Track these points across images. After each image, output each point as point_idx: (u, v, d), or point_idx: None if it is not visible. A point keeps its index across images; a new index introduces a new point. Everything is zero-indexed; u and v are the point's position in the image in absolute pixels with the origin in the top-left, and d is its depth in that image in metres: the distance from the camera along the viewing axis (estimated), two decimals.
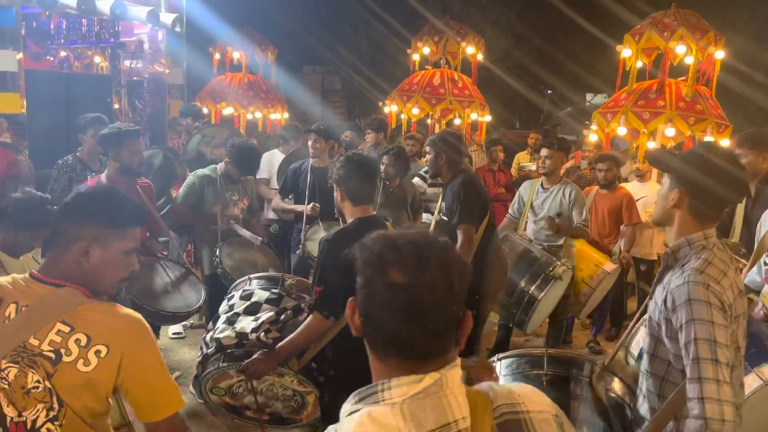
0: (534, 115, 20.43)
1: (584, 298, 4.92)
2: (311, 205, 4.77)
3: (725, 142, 6.12)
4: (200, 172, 4.66)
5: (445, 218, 4.13)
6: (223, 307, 3.14)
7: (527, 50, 17.11)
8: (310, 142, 5.01)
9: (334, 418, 1.15)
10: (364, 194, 2.88)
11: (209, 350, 2.85)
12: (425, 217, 5.84)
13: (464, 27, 9.35)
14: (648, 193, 5.68)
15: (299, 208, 4.88)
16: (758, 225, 3.22)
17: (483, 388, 1.18)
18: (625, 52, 6.29)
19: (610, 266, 4.90)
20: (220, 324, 2.97)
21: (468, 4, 16.50)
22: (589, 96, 20.65)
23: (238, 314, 2.96)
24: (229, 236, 4.53)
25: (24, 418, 1.70)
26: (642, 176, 5.78)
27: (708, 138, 6.12)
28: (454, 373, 1.12)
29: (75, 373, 1.68)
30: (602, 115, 6.27)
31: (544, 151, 4.98)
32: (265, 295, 3.04)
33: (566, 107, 19.63)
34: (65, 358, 1.67)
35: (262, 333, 2.80)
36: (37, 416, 1.70)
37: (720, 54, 6.39)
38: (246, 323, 2.87)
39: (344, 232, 2.80)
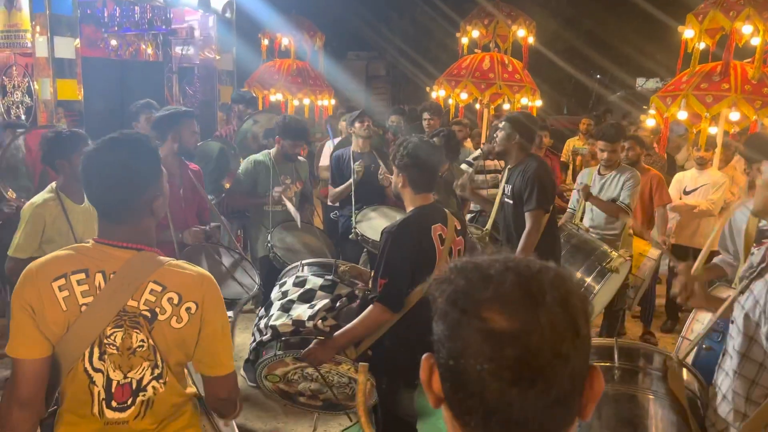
0: (583, 99, 19.94)
1: (635, 291, 4.80)
2: (354, 166, 4.78)
3: None
4: (253, 157, 4.73)
5: (510, 201, 4.07)
6: (276, 293, 3.13)
7: (577, 33, 16.65)
8: (358, 124, 5.01)
9: (392, 406, 1.03)
10: (427, 182, 2.85)
11: (264, 337, 2.84)
12: (472, 204, 5.76)
13: (515, 9, 9.12)
14: (708, 181, 5.48)
15: (347, 183, 4.91)
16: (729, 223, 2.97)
17: None
18: (688, 32, 6.01)
19: (654, 252, 4.77)
20: (274, 311, 2.95)
21: None
22: (640, 80, 20.05)
23: (292, 301, 2.95)
24: (282, 221, 4.57)
25: (129, 379, 1.76)
26: (703, 164, 5.56)
27: None
28: None
29: (169, 330, 1.74)
30: (661, 99, 6.02)
31: (603, 145, 4.85)
32: (319, 281, 3.02)
33: (617, 91, 19.10)
34: (160, 317, 1.73)
35: (319, 321, 2.78)
36: (143, 375, 1.76)
37: None
38: (302, 310, 2.85)
39: (406, 223, 2.77)
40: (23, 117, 5.35)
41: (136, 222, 1.79)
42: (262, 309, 3.11)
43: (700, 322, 2.62)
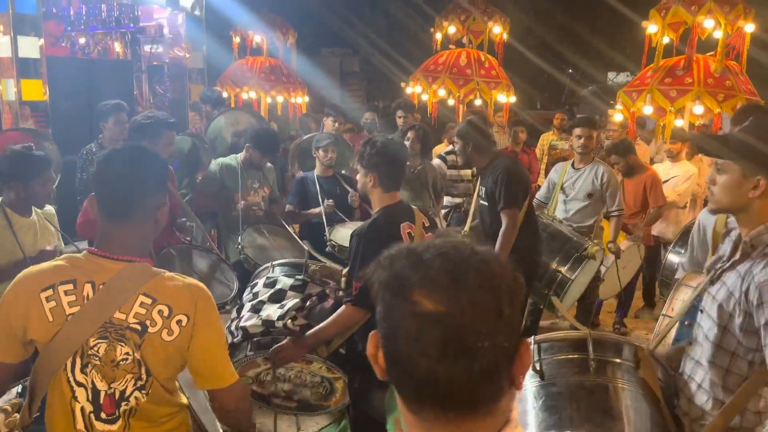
0: (555, 94, 20.12)
1: (597, 284, 4.89)
2: (326, 203, 4.76)
3: None
4: (221, 160, 4.72)
5: (485, 203, 4.13)
6: (247, 295, 3.13)
7: (549, 28, 16.79)
8: (324, 153, 4.92)
9: (365, 404, 1.07)
10: (396, 180, 2.87)
11: (236, 339, 2.84)
12: (446, 200, 5.80)
13: (490, 6, 9.18)
14: (679, 173, 5.59)
15: (316, 210, 4.83)
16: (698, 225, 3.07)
17: None
18: (651, 27, 6.13)
19: (624, 243, 4.86)
20: (245, 312, 2.96)
21: None
22: (611, 74, 20.28)
23: (263, 302, 2.95)
24: (251, 223, 4.55)
25: (113, 390, 1.76)
26: (674, 156, 5.67)
27: None
28: None
29: (160, 343, 1.74)
30: (627, 94, 6.14)
31: (580, 131, 4.91)
32: (290, 281, 3.03)
33: (588, 86, 19.32)
34: (150, 329, 1.73)
35: (289, 320, 2.79)
36: (126, 386, 1.76)
37: (750, 27, 6.19)
38: (272, 311, 2.86)
39: (375, 224, 2.79)
40: None
41: (139, 225, 1.79)
42: (234, 311, 3.10)
43: (680, 300, 2.66)
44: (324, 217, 4.73)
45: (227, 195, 4.58)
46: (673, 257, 4.13)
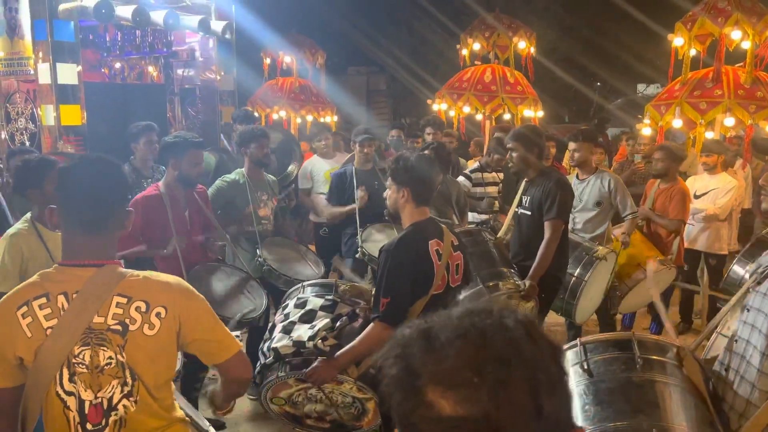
0: (583, 108, 19.98)
1: (620, 296, 4.81)
2: (359, 194, 4.83)
3: None
4: (226, 177, 4.70)
5: (527, 212, 4.15)
6: (279, 316, 3.16)
7: (575, 42, 16.73)
8: (360, 149, 5.09)
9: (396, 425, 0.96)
10: (427, 196, 2.90)
11: (267, 360, 2.88)
12: (473, 216, 5.81)
13: (515, 21, 9.20)
14: (718, 185, 5.50)
15: (350, 207, 4.95)
16: None
17: None
18: (677, 40, 6.08)
19: (652, 266, 4.72)
20: (276, 333, 2.99)
21: None
22: (641, 87, 20.07)
23: (294, 323, 2.98)
24: (262, 238, 4.55)
25: (100, 399, 1.76)
26: (711, 169, 5.58)
27: None
28: None
29: (143, 339, 1.76)
30: (656, 108, 6.08)
31: (571, 145, 4.99)
32: (320, 302, 3.05)
33: (617, 99, 19.13)
34: (131, 327, 1.75)
35: (319, 340, 2.82)
36: (113, 393, 1.77)
37: None
38: (302, 331, 2.89)
39: (404, 240, 2.81)
40: (27, 143, 5.44)
41: (110, 232, 1.83)
42: (267, 332, 3.14)
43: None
44: (357, 215, 4.80)
45: (236, 210, 4.61)
46: (738, 269, 4.06)
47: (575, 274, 4.30)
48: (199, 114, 7.30)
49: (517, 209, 4.33)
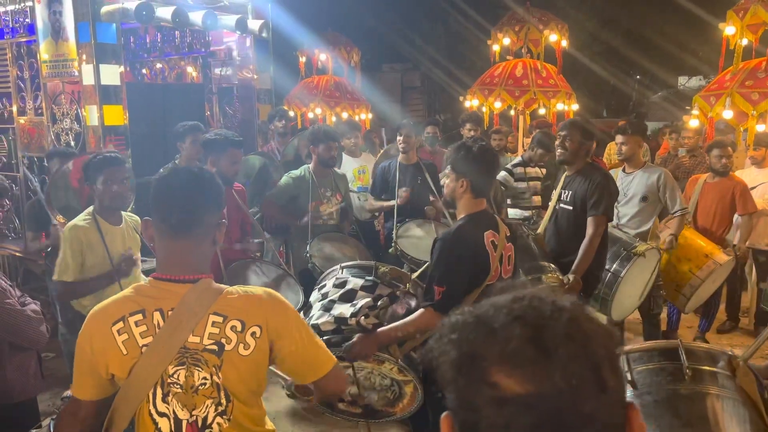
0: (622, 101, 19.56)
1: (691, 290, 4.69)
2: (401, 193, 4.81)
3: None
4: (293, 173, 4.79)
5: (569, 207, 4.05)
6: (315, 295, 3.11)
7: (614, 33, 16.39)
8: (401, 138, 5.07)
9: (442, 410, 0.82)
10: (486, 187, 2.87)
11: None
12: (512, 212, 5.71)
13: (546, 13, 9.03)
14: (767, 179, 5.32)
15: (391, 203, 4.94)
16: None
17: None
18: (729, 29, 5.85)
19: (722, 257, 4.63)
20: (315, 311, 2.93)
21: None
22: (682, 79, 19.55)
23: (333, 301, 2.92)
24: (320, 232, 4.61)
25: (195, 417, 1.73)
26: (759, 162, 5.41)
27: None
28: None
29: (239, 359, 1.72)
30: (704, 99, 5.86)
31: (619, 138, 4.85)
32: (360, 282, 3.00)
33: (658, 91, 18.68)
34: (227, 347, 1.71)
35: (362, 317, 2.76)
36: (207, 412, 1.74)
37: None
38: (344, 309, 2.83)
39: (461, 230, 2.77)
40: (72, 143, 5.55)
41: (199, 241, 1.77)
42: (301, 313, 3.10)
43: None
44: (395, 210, 4.78)
45: (300, 206, 4.66)
46: None
47: (611, 270, 4.19)
48: (236, 113, 7.35)
49: (556, 205, 4.21)
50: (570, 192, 4.06)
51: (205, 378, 1.71)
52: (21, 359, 2.92)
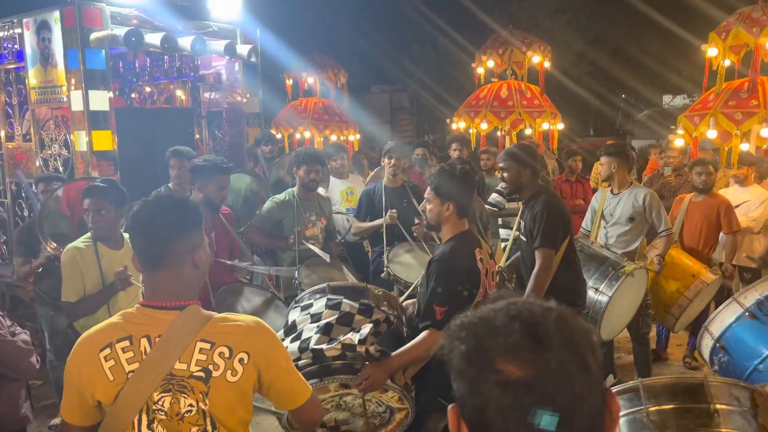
0: (608, 121, 19.79)
1: (679, 310, 4.70)
2: (389, 213, 4.79)
3: None
4: (277, 197, 4.74)
5: (524, 238, 3.99)
6: (299, 315, 2.96)
7: (599, 55, 16.64)
8: (391, 161, 5.04)
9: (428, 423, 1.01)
10: (468, 207, 2.93)
11: (300, 361, 2.65)
12: (504, 233, 5.72)
13: (529, 36, 9.19)
14: (750, 198, 5.39)
15: (378, 222, 4.89)
16: None
17: None
18: (711, 51, 5.98)
19: (709, 277, 4.66)
20: (311, 334, 2.78)
21: (536, 13, 16.24)
22: (666, 98, 19.84)
23: (331, 324, 2.80)
24: (307, 258, 4.58)
25: None
26: (742, 181, 5.48)
27: None
28: None
29: (226, 385, 1.72)
30: (689, 119, 5.97)
31: (601, 159, 4.92)
32: (356, 305, 2.90)
33: (643, 110, 18.93)
34: (214, 374, 1.71)
35: (370, 346, 2.71)
36: None
37: None
38: (349, 334, 2.75)
39: (456, 250, 2.82)
40: (61, 169, 5.53)
41: (176, 269, 1.76)
42: (282, 332, 2.92)
43: None
44: (384, 231, 4.75)
45: (286, 231, 4.62)
46: None
47: (600, 289, 4.15)
48: (225, 136, 7.37)
49: (517, 233, 4.11)
50: (523, 222, 3.92)
51: (191, 405, 1.70)
52: (11, 390, 2.89)
